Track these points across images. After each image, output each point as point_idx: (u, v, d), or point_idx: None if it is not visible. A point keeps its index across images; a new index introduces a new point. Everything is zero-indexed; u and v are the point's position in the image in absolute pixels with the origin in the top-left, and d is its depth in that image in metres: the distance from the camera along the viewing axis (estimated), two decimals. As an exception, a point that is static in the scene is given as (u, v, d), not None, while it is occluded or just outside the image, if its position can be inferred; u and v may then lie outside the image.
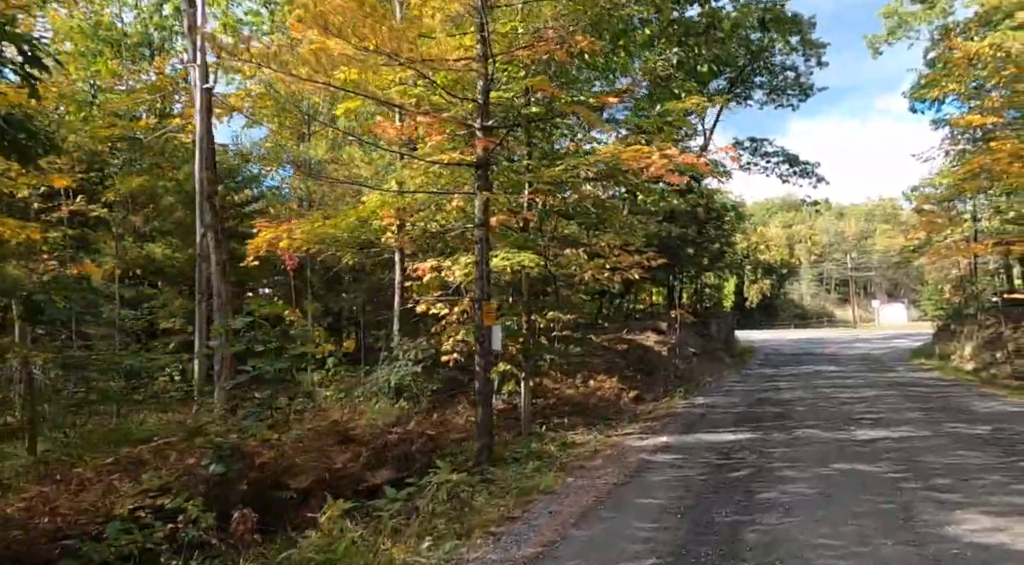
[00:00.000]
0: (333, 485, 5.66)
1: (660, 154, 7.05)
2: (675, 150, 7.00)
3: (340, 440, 6.46)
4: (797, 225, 69.53)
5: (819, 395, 13.22)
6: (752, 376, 18.42)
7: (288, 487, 5.08)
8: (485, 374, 7.47)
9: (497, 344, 7.63)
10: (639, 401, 13.30)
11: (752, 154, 23.77)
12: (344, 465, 5.93)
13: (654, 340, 19.98)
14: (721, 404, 12.54)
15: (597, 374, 14.52)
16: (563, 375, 13.53)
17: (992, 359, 19.91)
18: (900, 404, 11.66)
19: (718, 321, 28.02)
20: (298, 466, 5.27)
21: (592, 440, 9.00)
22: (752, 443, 8.39)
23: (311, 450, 5.85)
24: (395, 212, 10.28)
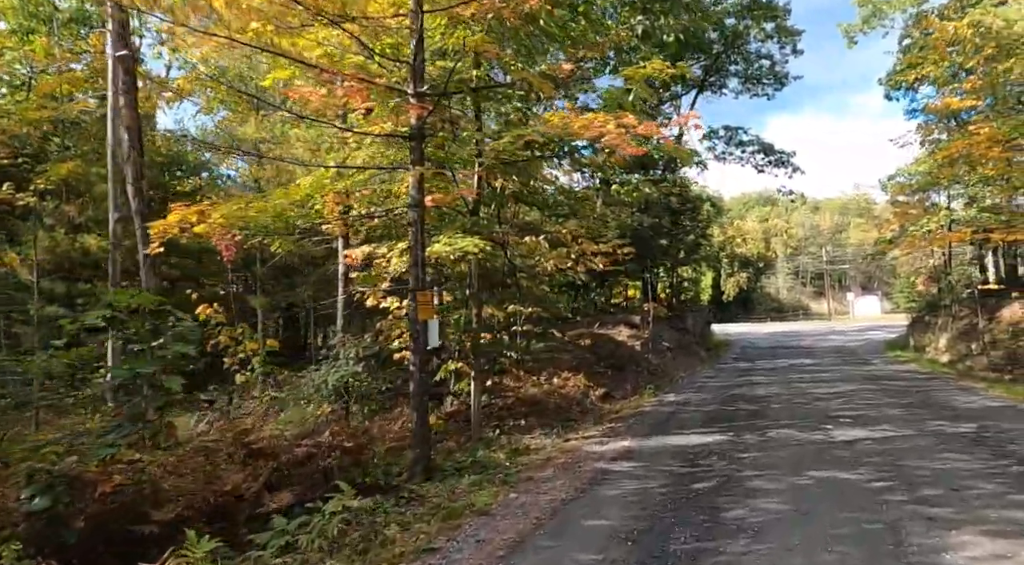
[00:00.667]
0: (220, 512, 4.68)
1: (616, 123, 6.16)
2: (633, 118, 6.13)
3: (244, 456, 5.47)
4: (774, 219, 69.64)
5: (794, 391, 12.53)
6: (727, 370, 17.75)
7: (149, 520, 4.09)
8: (420, 374, 6.52)
9: (434, 340, 6.68)
10: (607, 399, 12.48)
11: (727, 144, 23.14)
12: (237, 487, 4.94)
13: (626, 334, 19.21)
14: (692, 401, 11.76)
15: (564, 371, 13.66)
16: (526, 372, 12.64)
17: (967, 351, 19.55)
18: (879, 400, 10.99)
19: (694, 314, 27.40)
20: (165, 492, 4.27)
21: (548, 445, 8.11)
22: (721, 447, 7.57)
23: (193, 470, 4.84)
24: (337, 195, 9.26)
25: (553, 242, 11.64)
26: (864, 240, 68.99)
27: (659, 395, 12.81)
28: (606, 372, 15.66)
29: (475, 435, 8.16)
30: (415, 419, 6.55)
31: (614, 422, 9.88)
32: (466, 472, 6.62)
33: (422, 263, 6.59)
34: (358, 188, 8.79)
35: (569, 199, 22.94)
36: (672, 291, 28.60)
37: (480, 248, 7.24)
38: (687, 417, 10.05)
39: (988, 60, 12.25)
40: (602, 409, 11.31)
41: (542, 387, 11.96)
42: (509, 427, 9.08)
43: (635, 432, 8.87)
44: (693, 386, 14.25)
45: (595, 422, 9.91)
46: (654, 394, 12.86)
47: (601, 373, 15.38)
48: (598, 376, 14.95)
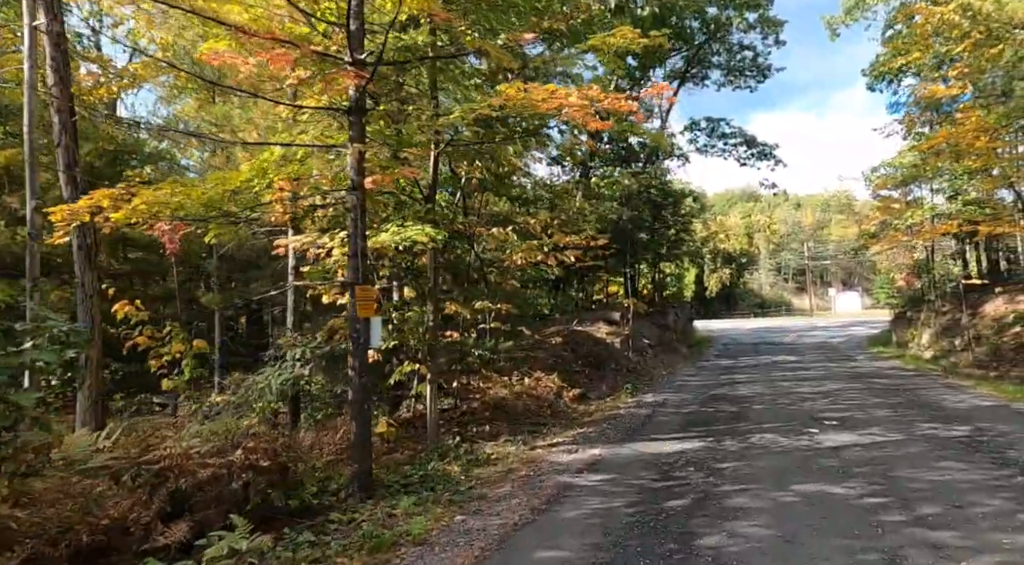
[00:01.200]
0: (98, 550, 3.86)
1: (579, 94, 5.42)
2: (598, 90, 5.40)
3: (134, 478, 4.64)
4: (756, 215, 69.60)
5: (778, 390, 11.93)
6: (708, 368, 17.16)
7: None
8: (360, 379, 5.73)
9: (376, 340, 5.89)
10: (581, 400, 11.78)
11: (709, 136, 22.52)
12: (123, 516, 4.13)
13: (606, 332, 18.56)
14: (671, 402, 11.10)
15: (538, 371, 12.94)
16: (497, 373, 11.90)
17: (950, 346, 19.17)
18: (865, 399, 10.41)
19: (676, 311, 26.85)
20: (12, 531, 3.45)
21: (512, 454, 7.37)
22: (700, 455, 6.89)
23: (73, 498, 4.03)
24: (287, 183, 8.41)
25: (523, 234, 10.91)
26: (845, 236, 69.30)
27: (637, 395, 12.13)
28: (583, 371, 14.98)
29: (431, 444, 7.39)
30: (354, 429, 5.76)
31: (586, 426, 9.17)
32: (413, 489, 5.85)
33: (362, 254, 5.80)
34: (305, 174, 7.95)
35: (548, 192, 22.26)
36: (654, 287, 28.05)
37: (432, 237, 6.45)
38: (664, 420, 9.37)
39: (977, 46, 11.70)
40: (575, 411, 10.60)
41: (512, 388, 11.22)
42: (472, 433, 8.33)
43: (607, 438, 8.16)
44: (673, 385, 13.61)
45: (566, 426, 9.18)
46: (632, 394, 12.18)
47: (578, 372, 14.70)
48: (574, 375, 14.27)
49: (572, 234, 10.59)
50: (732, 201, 78.65)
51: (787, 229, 70.21)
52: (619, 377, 15.68)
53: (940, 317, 20.99)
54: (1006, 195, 19.91)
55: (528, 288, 14.63)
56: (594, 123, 5.50)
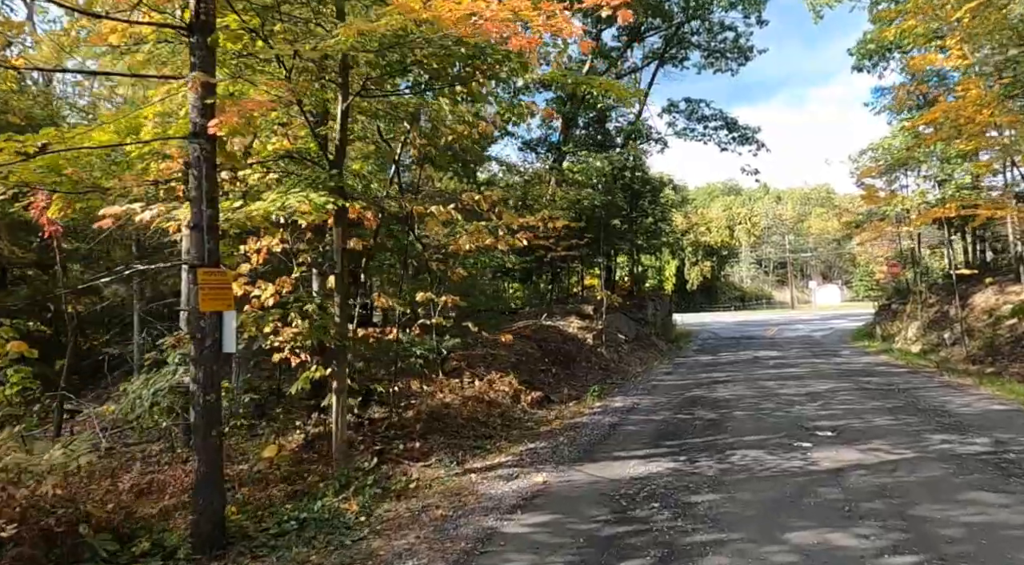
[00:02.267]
0: None
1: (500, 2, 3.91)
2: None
3: None
4: (738, 208, 68.82)
5: (761, 391, 10.57)
6: (686, 365, 15.81)
7: None
8: (204, 396, 4.16)
9: (231, 344, 4.32)
10: (542, 405, 10.31)
11: (688, 118, 21.13)
12: None
13: (577, 326, 17.13)
14: (643, 407, 9.68)
15: (498, 371, 11.46)
16: (446, 375, 10.38)
17: (939, 340, 18.08)
18: (859, 402, 9.09)
19: (655, 304, 25.52)
20: None
21: (436, 481, 5.87)
22: (668, 483, 5.44)
23: None
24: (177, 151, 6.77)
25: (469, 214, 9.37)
26: (825, 229, 68.86)
27: (605, 398, 10.69)
28: (549, 370, 13.53)
29: (338, 469, 5.85)
30: (199, 460, 4.20)
31: (540, 439, 7.69)
32: (284, 542, 4.32)
33: (209, 225, 4.22)
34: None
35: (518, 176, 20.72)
36: (632, 279, 26.72)
37: (318, 205, 4.88)
38: (632, 431, 7.92)
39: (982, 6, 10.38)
40: (532, 419, 9.12)
41: (462, 393, 9.71)
42: (398, 451, 6.80)
43: (559, 457, 6.68)
44: (647, 385, 12.20)
45: (517, 439, 7.69)
46: (599, 397, 10.74)
47: (543, 371, 13.25)
48: (539, 375, 12.83)
49: (528, 215, 9.07)
50: (713, 195, 77.81)
51: (768, 222, 69.57)
52: (590, 376, 14.27)
53: (927, 309, 19.93)
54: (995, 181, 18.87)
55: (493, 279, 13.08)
56: (520, 41, 3.99)
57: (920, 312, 19.90)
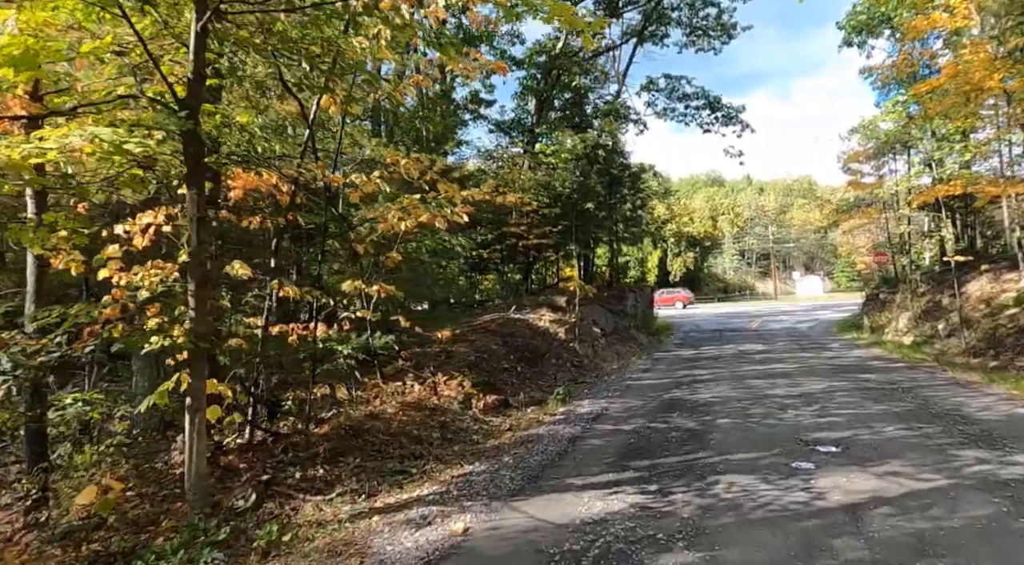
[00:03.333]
0: None
1: None
2: None
3: None
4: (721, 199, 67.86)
5: (749, 392, 9.18)
6: (666, 361, 14.43)
7: None
8: None
9: None
10: (498, 410, 8.83)
11: (669, 97, 19.68)
12: None
13: (549, 319, 15.66)
14: (612, 413, 8.24)
15: (452, 370, 9.98)
16: (385, 379, 8.85)
17: (933, 331, 16.91)
18: (862, 406, 7.73)
19: (636, 295, 24.15)
20: None
21: (326, 527, 4.35)
22: (629, 535, 3.98)
23: None
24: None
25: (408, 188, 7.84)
26: (807, 220, 68.21)
27: (571, 402, 9.24)
28: (514, 368, 12.06)
29: (193, 512, 4.31)
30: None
31: (482, 458, 6.20)
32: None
33: None
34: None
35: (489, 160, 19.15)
36: (612, 269, 25.33)
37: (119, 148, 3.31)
38: (594, 447, 6.47)
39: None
40: (481, 430, 7.64)
41: (400, 398, 8.19)
42: (292, 482, 5.26)
43: (498, 486, 5.19)
44: (621, 385, 10.77)
45: (452, 459, 6.20)
46: (564, 400, 9.28)
47: (507, 370, 11.77)
48: (501, 374, 11.36)
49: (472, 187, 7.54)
50: (696, 186, 76.85)
51: (750, 213, 68.73)
52: (559, 374, 12.83)
53: (918, 299, 18.80)
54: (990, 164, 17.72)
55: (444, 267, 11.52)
56: None
57: (911, 302, 18.76)
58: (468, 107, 23.91)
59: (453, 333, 10.09)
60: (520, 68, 20.52)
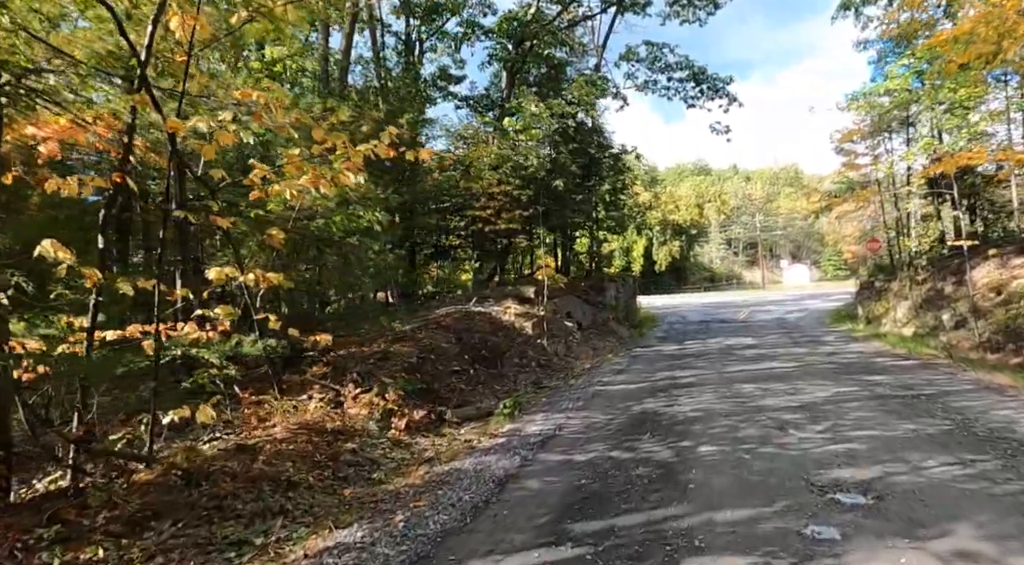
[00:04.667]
0: None
1: None
2: None
3: None
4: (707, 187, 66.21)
5: (738, 402, 7.39)
6: (645, 358, 12.63)
7: None
8: None
9: None
10: (427, 430, 6.97)
11: (650, 68, 17.73)
12: None
13: (515, 313, 13.79)
14: (567, 435, 6.41)
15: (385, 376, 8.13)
16: (285, 392, 6.94)
17: (936, 322, 15.23)
18: (883, 423, 5.95)
19: (617, 285, 22.36)
20: None
21: None
22: None
23: None
24: None
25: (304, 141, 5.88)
26: (794, 209, 66.81)
27: (520, 417, 7.39)
28: (466, 371, 10.21)
29: None
30: None
31: (366, 517, 4.34)
32: None
33: None
34: None
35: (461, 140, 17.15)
36: (592, 258, 23.50)
37: None
38: (529, 495, 4.62)
39: None
40: (390, 464, 5.77)
41: (297, 419, 6.29)
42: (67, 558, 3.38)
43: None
44: (587, 392, 8.94)
45: (316, 522, 4.33)
46: (513, 415, 7.44)
47: (456, 373, 9.91)
48: (447, 379, 9.50)
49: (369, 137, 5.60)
50: (683, 175, 75.14)
51: (737, 202, 67.17)
52: (521, 376, 11.01)
53: (917, 287, 17.15)
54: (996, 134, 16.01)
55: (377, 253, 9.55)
56: None
57: (910, 290, 17.10)
58: (437, 83, 21.88)
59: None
60: (489, 38, 18.50)
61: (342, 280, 8.75)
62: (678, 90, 17.64)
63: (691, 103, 17.79)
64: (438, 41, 21.21)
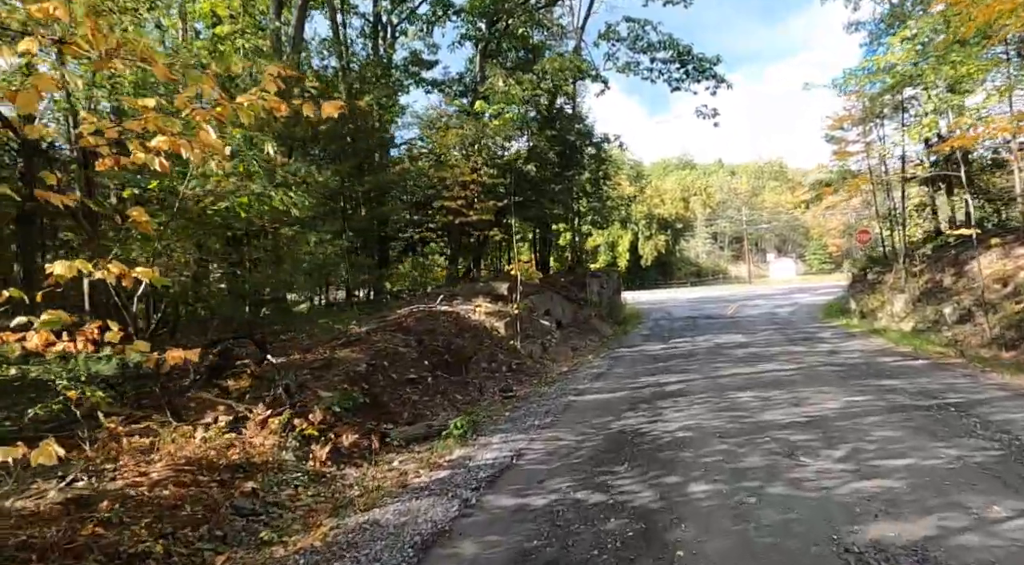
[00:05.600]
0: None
1: None
2: None
3: None
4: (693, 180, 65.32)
5: (735, 418, 6.15)
6: (627, 361, 11.39)
7: None
8: None
9: None
10: (361, 456, 5.66)
11: (632, 47, 16.44)
12: None
13: (485, 311, 12.48)
14: (525, 466, 5.12)
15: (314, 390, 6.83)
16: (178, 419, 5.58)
17: (938, 316, 14.15)
18: (919, 449, 4.75)
19: (600, 281, 21.15)
20: None
21: None
22: None
23: None
24: None
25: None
26: (779, 203, 66.17)
27: (473, 439, 6.09)
28: (424, 379, 8.90)
29: None
30: None
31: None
32: None
33: None
34: None
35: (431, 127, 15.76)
36: (574, 252, 22.26)
37: None
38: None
39: None
40: (293, 513, 4.44)
41: (190, 451, 4.94)
42: None
43: None
44: (558, 403, 7.66)
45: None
46: (465, 436, 6.14)
47: (412, 383, 8.60)
48: (400, 389, 8.20)
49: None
50: (668, 169, 74.21)
51: (722, 196, 66.37)
52: (489, 383, 9.73)
53: (913, 279, 16.12)
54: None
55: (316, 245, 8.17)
56: None
57: (907, 282, 16.07)
58: (409, 69, 20.47)
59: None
60: (459, 17, 17.13)
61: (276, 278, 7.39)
62: (662, 72, 16.39)
63: (676, 86, 16.55)
64: (409, 24, 19.84)
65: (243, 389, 6.81)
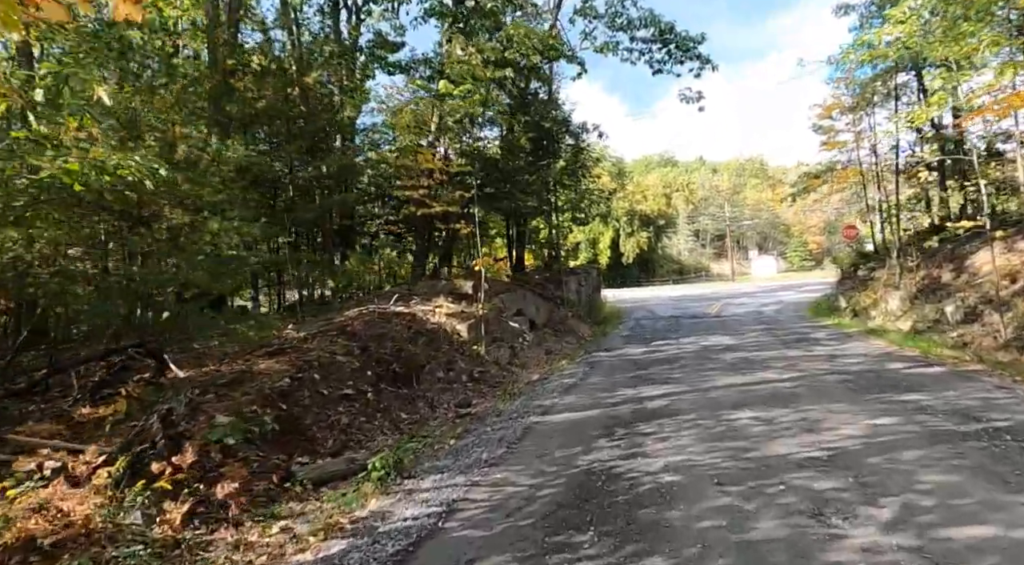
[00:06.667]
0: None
1: None
2: None
3: None
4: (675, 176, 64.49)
5: (731, 450, 4.79)
6: (604, 368, 10.01)
7: None
8: None
9: None
10: (253, 504, 4.17)
11: (610, 26, 15.05)
12: None
13: (446, 312, 11.00)
14: (454, 532, 3.70)
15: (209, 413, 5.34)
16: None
17: (938, 315, 13.00)
18: (997, 505, 3.43)
19: (579, 278, 19.81)
20: None
21: None
22: None
23: None
24: None
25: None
26: (760, 200, 65.67)
27: (398, 484, 4.64)
28: (364, 394, 7.42)
29: None
30: None
31: None
32: None
33: None
34: None
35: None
36: (551, 248, 20.89)
37: None
38: None
39: None
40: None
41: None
42: None
43: None
44: (514, 430, 6.20)
45: None
46: (386, 478, 4.67)
47: (348, 399, 7.13)
48: (331, 407, 6.73)
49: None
50: (650, 167, 73.33)
51: (704, 193, 65.65)
52: (443, 397, 8.29)
53: (909, 275, 15.04)
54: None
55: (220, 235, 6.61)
56: None
57: (901, 279, 14.99)
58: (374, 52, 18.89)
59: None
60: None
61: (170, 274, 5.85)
62: (643, 52, 15.04)
63: (658, 68, 15.21)
64: (373, 3, 18.27)
65: (111, 417, 5.28)
